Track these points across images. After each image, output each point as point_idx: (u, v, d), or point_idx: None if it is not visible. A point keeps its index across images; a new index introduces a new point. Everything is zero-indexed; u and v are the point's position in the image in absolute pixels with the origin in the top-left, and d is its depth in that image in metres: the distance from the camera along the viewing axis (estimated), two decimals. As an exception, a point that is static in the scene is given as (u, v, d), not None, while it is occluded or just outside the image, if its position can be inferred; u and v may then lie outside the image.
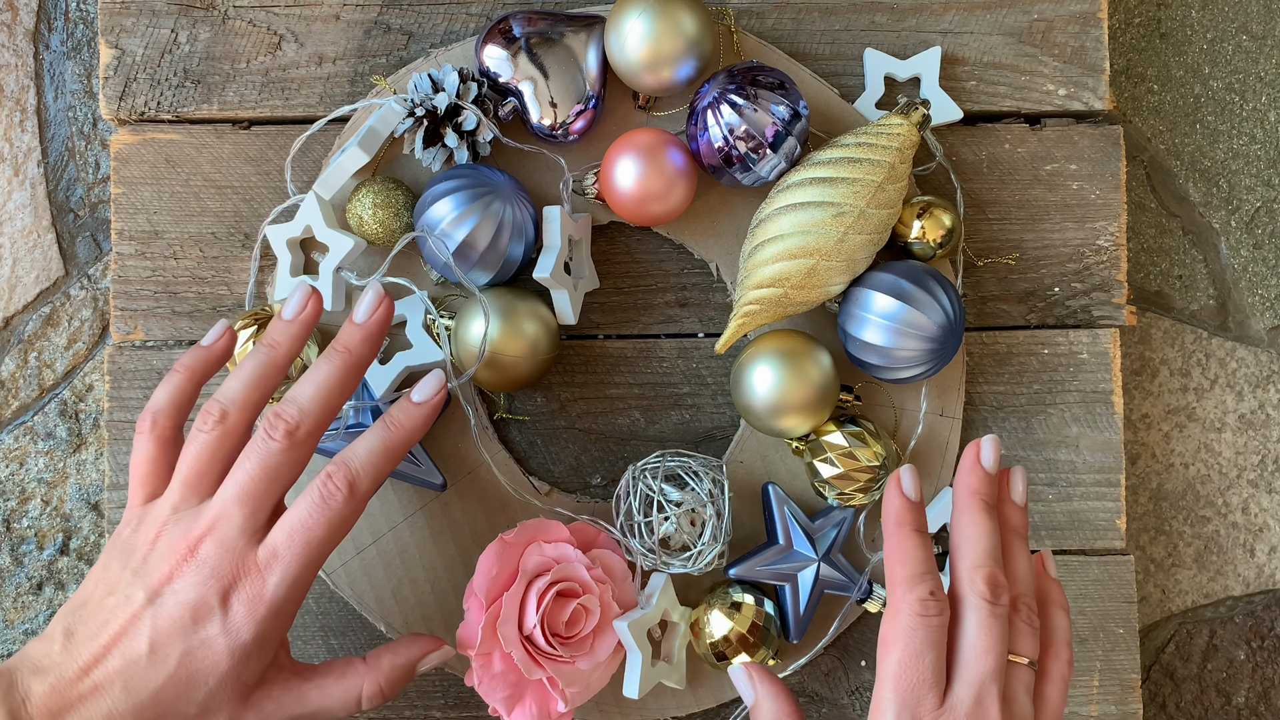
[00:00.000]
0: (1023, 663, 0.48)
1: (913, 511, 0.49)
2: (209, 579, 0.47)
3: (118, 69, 0.61)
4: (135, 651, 0.47)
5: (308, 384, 0.49)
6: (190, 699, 0.47)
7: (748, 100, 0.55)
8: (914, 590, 0.47)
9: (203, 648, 0.47)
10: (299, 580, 0.48)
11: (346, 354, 0.50)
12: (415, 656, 0.52)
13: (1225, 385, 0.70)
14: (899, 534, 0.49)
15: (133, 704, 0.46)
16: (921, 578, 0.47)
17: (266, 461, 0.48)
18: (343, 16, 0.61)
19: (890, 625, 0.47)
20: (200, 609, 0.47)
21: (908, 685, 0.46)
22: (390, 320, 0.51)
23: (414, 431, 0.50)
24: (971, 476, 0.50)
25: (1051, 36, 0.62)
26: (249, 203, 0.61)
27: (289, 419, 0.48)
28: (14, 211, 0.67)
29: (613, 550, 0.58)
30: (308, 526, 0.47)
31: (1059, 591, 0.52)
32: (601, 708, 0.60)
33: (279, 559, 0.47)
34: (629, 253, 0.62)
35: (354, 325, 0.51)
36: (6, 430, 0.67)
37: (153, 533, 0.48)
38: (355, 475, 0.48)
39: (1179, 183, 0.70)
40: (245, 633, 0.47)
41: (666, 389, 0.63)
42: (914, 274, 0.56)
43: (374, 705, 0.51)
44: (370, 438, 0.49)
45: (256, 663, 0.48)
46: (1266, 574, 0.70)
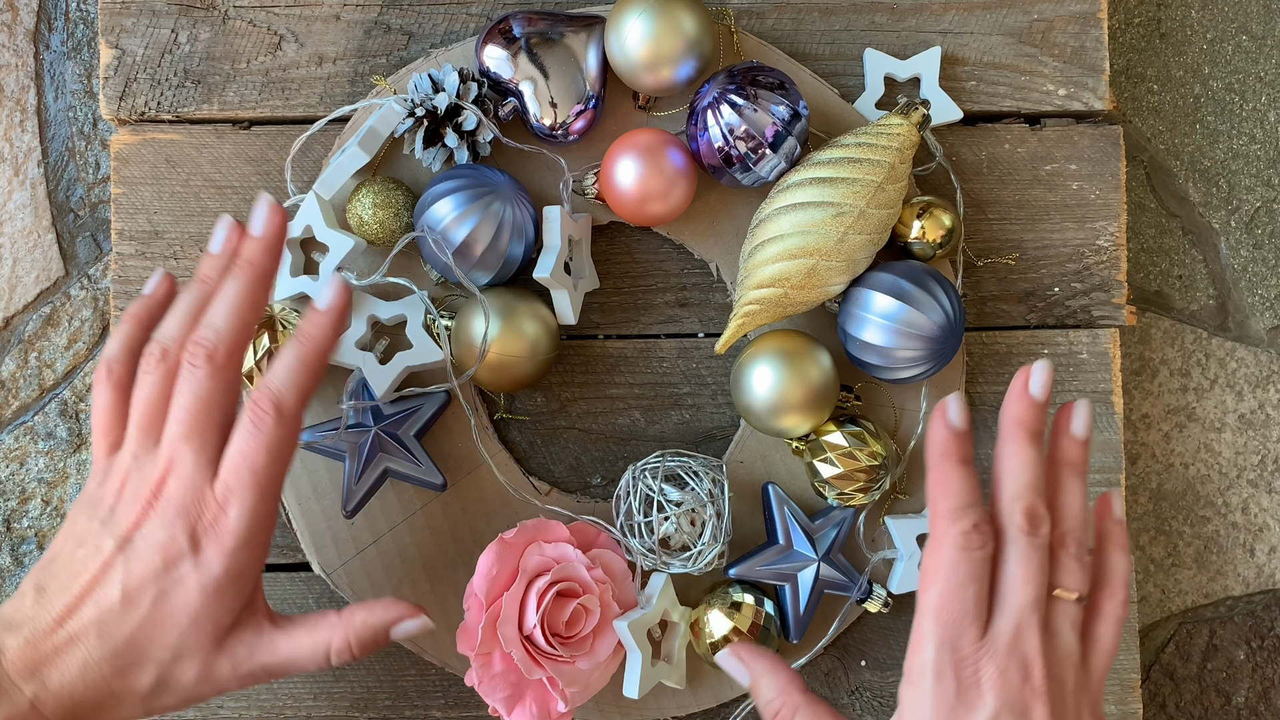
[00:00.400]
0: (1070, 598, 0.47)
1: (959, 441, 0.48)
2: (176, 519, 0.47)
3: (118, 69, 0.61)
4: (109, 599, 0.47)
5: (220, 307, 0.49)
6: (163, 642, 0.47)
7: (748, 100, 0.55)
8: (957, 523, 0.46)
9: (175, 587, 0.47)
10: (258, 510, 0.48)
11: (249, 268, 0.50)
12: (390, 619, 0.51)
13: (1225, 385, 0.70)
14: (944, 465, 0.47)
15: (108, 651, 0.47)
16: (965, 510, 0.46)
17: (197, 390, 0.48)
18: (343, 16, 0.61)
19: (932, 558, 0.46)
20: (170, 549, 0.47)
21: (949, 618, 0.45)
22: (285, 228, 0.51)
23: (325, 340, 0.50)
24: (1018, 405, 0.48)
25: (1051, 36, 0.62)
26: (249, 203, 0.61)
27: (206, 344, 0.48)
28: (14, 211, 0.67)
29: (613, 550, 0.58)
30: (248, 454, 0.48)
31: (1120, 532, 0.50)
32: (601, 708, 0.60)
33: (233, 491, 0.47)
34: (629, 253, 0.62)
35: (252, 239, 0.51)
36: (6, 430, 0.67)
37: (118, 482, 0.49)
38: (278, 394, 0.48)
39: (1179, 183, 0.70)
40: (215, 567, 0.47)
41: (666, 389, 0.63)
42: (914, 274, 0.56)
43: (342, 661, 0.51)
44: (285, 355, 0.49)
45: (231, 599, 0.48)
46: (1266, 574, 0.70)
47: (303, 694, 0.61)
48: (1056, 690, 0.45)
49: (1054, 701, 0.45)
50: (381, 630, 0.51)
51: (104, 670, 0.47)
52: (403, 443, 0.58)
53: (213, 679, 0.49)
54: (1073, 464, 0.49)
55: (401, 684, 0.62)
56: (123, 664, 0.47)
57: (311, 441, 0.58)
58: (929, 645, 0.45)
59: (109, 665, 0.47)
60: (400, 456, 0.58)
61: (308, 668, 0.50)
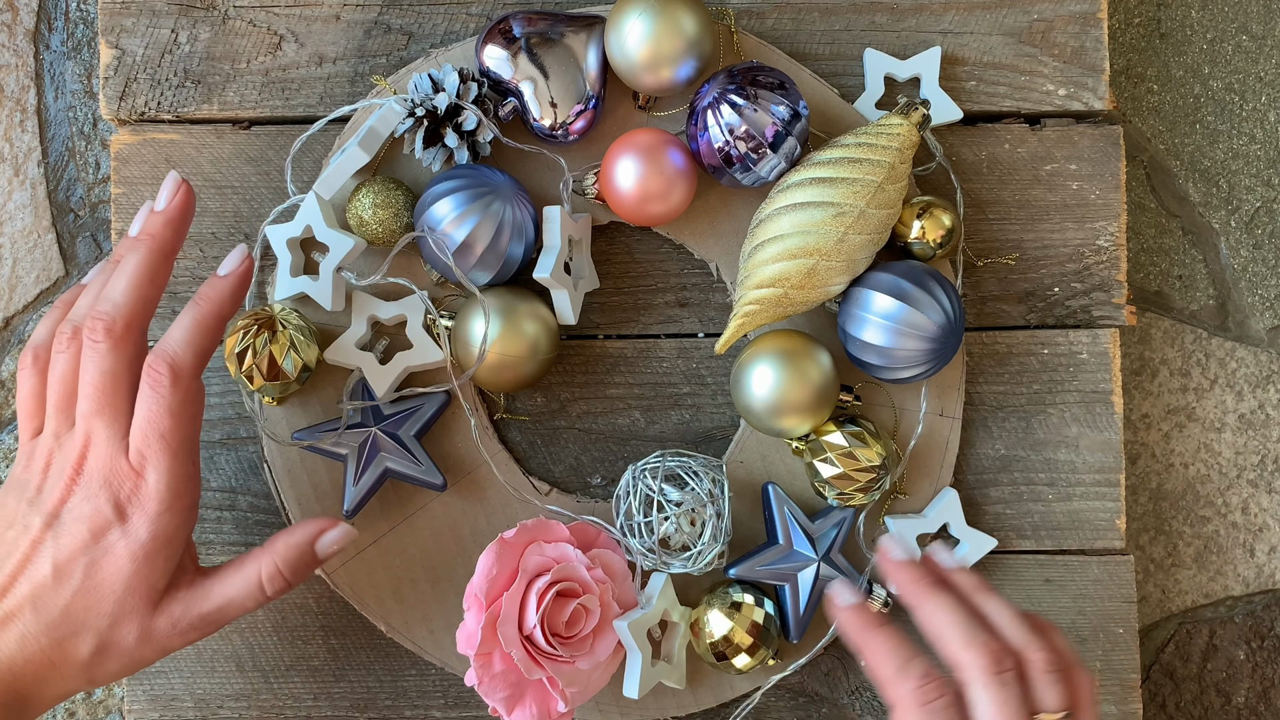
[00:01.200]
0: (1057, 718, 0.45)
1: (863, 613, 0.49)
2: (99, 491, 0.48)
3: (118, 69, 0.61)
4: (41, 574, 0.48)
5: (118, 280, 0.50)
6: (99, 610, 0.48)
7: (748, 100, 0.55)
8: (905, 681, 0.46)
9: (105, 556, 0.48)
10: (174, 471, 0.48)
11: (150, 240, 0.50)
12: (311, 534, 0.52)
13: (1225, 385, 0.70)
14: (864, 638, 0.48)
15: (44, 624, 0.48)
16: (906, 666, 0.46)
17: (100, 365, 0.49)
18: (343, 16, 0.61)
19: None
20: (97, 520, 0.48)
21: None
22: (191, 204, 0.52)
23: (222, 304, 0.51)
24: (900, 574, 0.50)
25: (1051, 36, 0.62)
26: (249, 203, 0.61)
27: (104, 317, 0.49)
28: (14, 211, 0.67)
29: (613, 550, 0.58)
30: (151, 419, 0.48)
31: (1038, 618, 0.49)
32: (601, 708, 0.60)
33: (146, 457, 0.48)
34: (629, 253, 0.62)
35: (155, 213, 0.51)
36: (6, 430, 0.67)
37: (43, 462, 0.50)
38: (173, 356, 0.49)
39: (1179, 183, 0.70)
40: (143, 533, 0.48)
41: (666, 389, 0.63)
42: (914, 274, 0.56)
43: (276, 589, 0.51)
44: (182, 319, 0.50)
45: (162, 563, 0.49)
46: (1266, 574, 0.70)
47: (303, 694, 0.61)
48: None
49: None
50: (306, 549, 0.52)
51: (41, 643, 0.48)
52: (403, 443, 0.58)
53: (154, 639, 0.50)
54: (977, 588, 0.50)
55: (401, 684, 0.62)
56: (60, 635, 0.48)
57: (311, 441, 0.58)
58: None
59: (46, 637, 0.48)
60: (400, 456, 0.58)
61: (246, 605, 0.51)
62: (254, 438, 0.61)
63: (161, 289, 0.51)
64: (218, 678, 0.61)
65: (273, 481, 0.60)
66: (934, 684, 0.45)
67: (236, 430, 0.61)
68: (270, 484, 0.60)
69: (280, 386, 0.57)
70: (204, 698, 0.61)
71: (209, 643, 0.61)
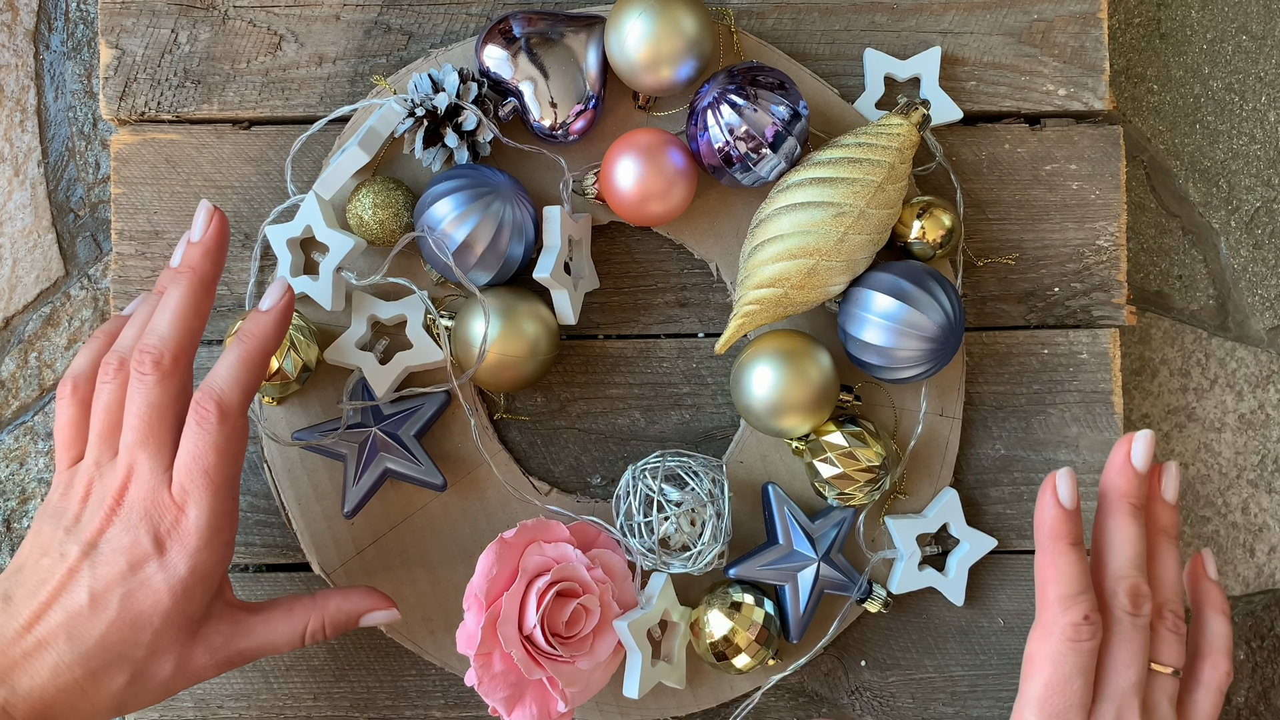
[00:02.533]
0: (1165, 672, 0.47)
1: (1069, 522, 0.47)
2: (139, 523, 0.48)
3: (118, 69, 0.61)
4: (76, 603, 0.48)
5: (163, 313, 0.50)
6: (137, 641, 0.48)
7: (748, 100, 0.55)
8: (1068, 612, 0.46)
9: (142, 589, 0.48)
10: (215, 509, 0.49)
11: (191, 273, 0.51)
12: (363, 609, 0.55)
13: (1225, 385, 0.70)
14: (1054, 548, 0.47)
15: (78, 653, 0.48)
16: (1077, 598, 0.46)
17: (147, 397, 0.49)
18: (343, 16, 0.61)
19: (1039, 645, 0.46)
20: (135, 552, 0.48)
21: (1054, 710, 0.45)
22: (226, 231, 0.52)
23: (267, 339, 0.51)
24: (1121, 478, 0.48)
25: (1051, 36, 0.62)
26: (249, 203, 0.61)
27: (153, 350, 0.49)
28: (14, 211, 0.67)
29: (613, 550, 0.58)
30: (196, 455, 0.48)
31: (1219, 594, 0.50)
32: (601, 708, 0.60)
33: (189, 493, 0.48)
34: (629, 253, 0.62)
35: (192, 245, 0.51)
36: (6, 430, 0.67)
37: (82, 491, 0.49)
38: (220, 394, 0.49)
39: (1179, 183, 0.70)
40: (181, 568, 0.48)
41: (666, 389, 0.63)
42: (914, 274, 0.56)
43: (314, 642, 0.53)
44: (228, 356, 0.50)
45: (200, 597, 0.49)
46: (1266, 574, 0.70)
47: (303, 694, 0.61)
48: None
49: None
50: (354, 616, 0.55)
51: (75, 672, 0.48)
52: (403, 443, 0.58)
53: (189, 670, 0.50)
54: (1166, 530, 0.49)
55: (401, 684, 0.62)
56: (94, 666, 0.48)
57: (311, 441, 0.58)
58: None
59: (80, 667, 0.48)
60: (400, 456, 0.58)
61: (281, 649, 0.53)
62: (254, 438, 0.61)
63: (205, 320, 0.51)
64: (218, 678, 0.61)
65: (273, 481, 0.60)
66: (1092, 626, 0.45)
67: (236, 430, 0.61)
68: (270, 484, 0.60)
69: (280, 386, 0.57)
70: (204, 698, 0.61)
71: (209, 643, 0.61)
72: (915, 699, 0.62)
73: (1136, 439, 0.48)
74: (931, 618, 0.62)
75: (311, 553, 0.60)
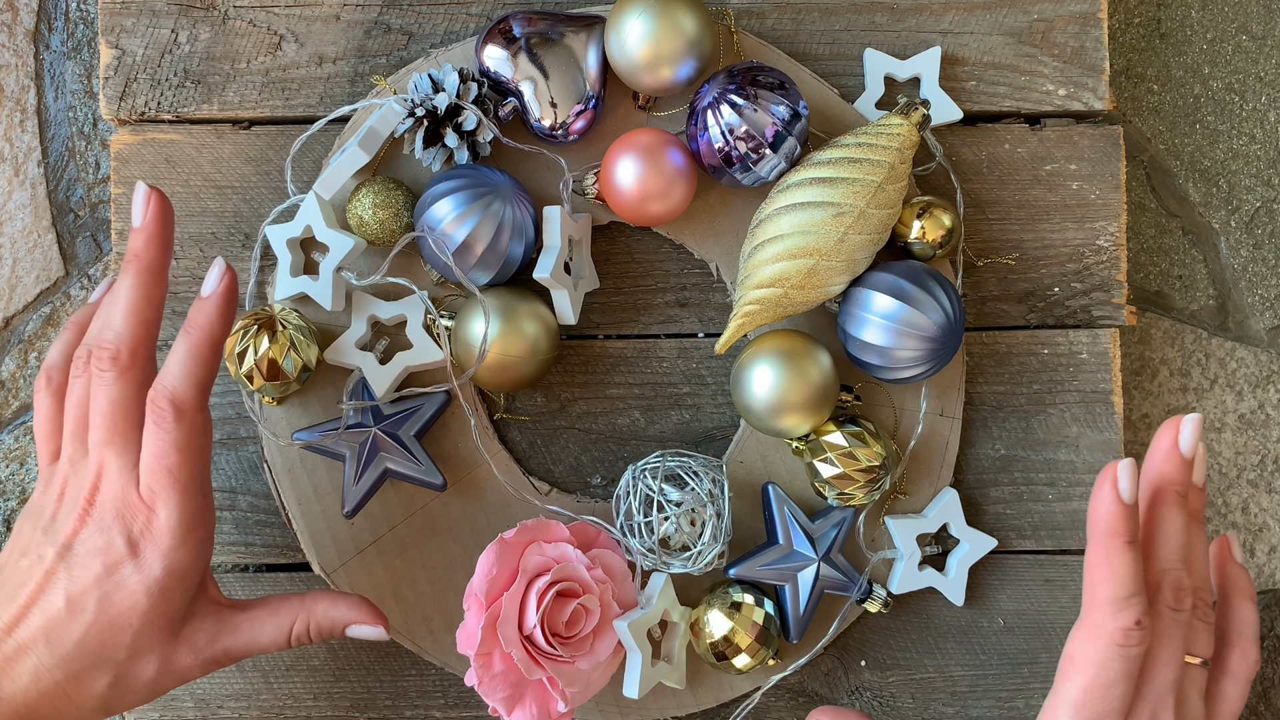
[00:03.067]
0: (1195, 663, 0.45)
1: (1128, 519, 0.44)
2: (112, 524, 0.48)
3: (118, 69, 0.61)
4: (53, 606, 0.48)
5: (114, 308, 0.49)
6: (117, 643, 0.48)
7: (748, 100, 0.55)
8: (1119, 616, 0.43)
9: (118, 591, 0.48)
10: (185, 506, 0.48)
11: (137, 261, 0.49)
12: (350, 619, 0.53)
13: (1225, 385, 0.70)
14: (1109, 544, 0.44)
15: (58, 657, 0.47)
16: (1130, 600, 0.43)
17: (109, 394, 0.48)
18: (343, 16, 0.61)
19: (1084, 646, 0.44)
20: (110, 554, 0.48)
21: (1090, 715, 0.43)
22: (166, 211, 0.50)
23: (213, 327, 0.49)
24: (1169, 464, 0.46)
25: (1051, 36, 0.62)
26: (249, 203, 0.61)
27: (109, 346, 0.48)
28: (14, 211, 0.67)
29: (613, 550, 0.58)
30: (159, 455, 0.48)
31: (1246, 579, 0.48)
32: (601, 708, 0.60)
33: (156, 493, 0.48)
34: (629, 253, 0.62)
35: (135, 231, 0.50)
36: (6, 430, 0.67)
37: (58, 490, 0.49)
38: (173, 391, 0.48)
39: (1179, 183, 0.70)
40: (156, 568, 0.48)
41: (666, 389, 0.63)
42: (914, 274, 0.56)
43: (297, 644, 0.53)
44: (176, 350, 0.49)
45: (179, 597, 0.49)
46: (1266, 574, 0.70)
47: (303, 694, 0.61)
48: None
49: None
50: (340, 625, 0.53)
51: (56, 676, 0.47)
52: (403, 443, 0.58)
53: (174, 669, 0.50)
54: (1196, 515, 0.47)
55: (401, 684, 0.62)
56: (75, 669, 0.48)
57: (311, 441, 0.58)
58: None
59: (60, 671, 0.47)
60: (400, 456, 0.58)
61: (267, 649, 0.52)
62: (254, 438, 0.61)
63: (160, 307, 0.50)
64: (218, 678, 0.61)
65: (273, 481, 0.60)
66: (1143, 631, 0.43)
67: (236, 430, 0.61)
68: (270, 484, 0.60)
69: (280, 386, 0.57)
70: (204, 698, 0.61)
71: (209, 643, 0.61)
72: (915, 699, 0.62)
73: (1184, 424, 0.45)
74: (931, 618, 0.62)
75: (311, 553, 0.60)
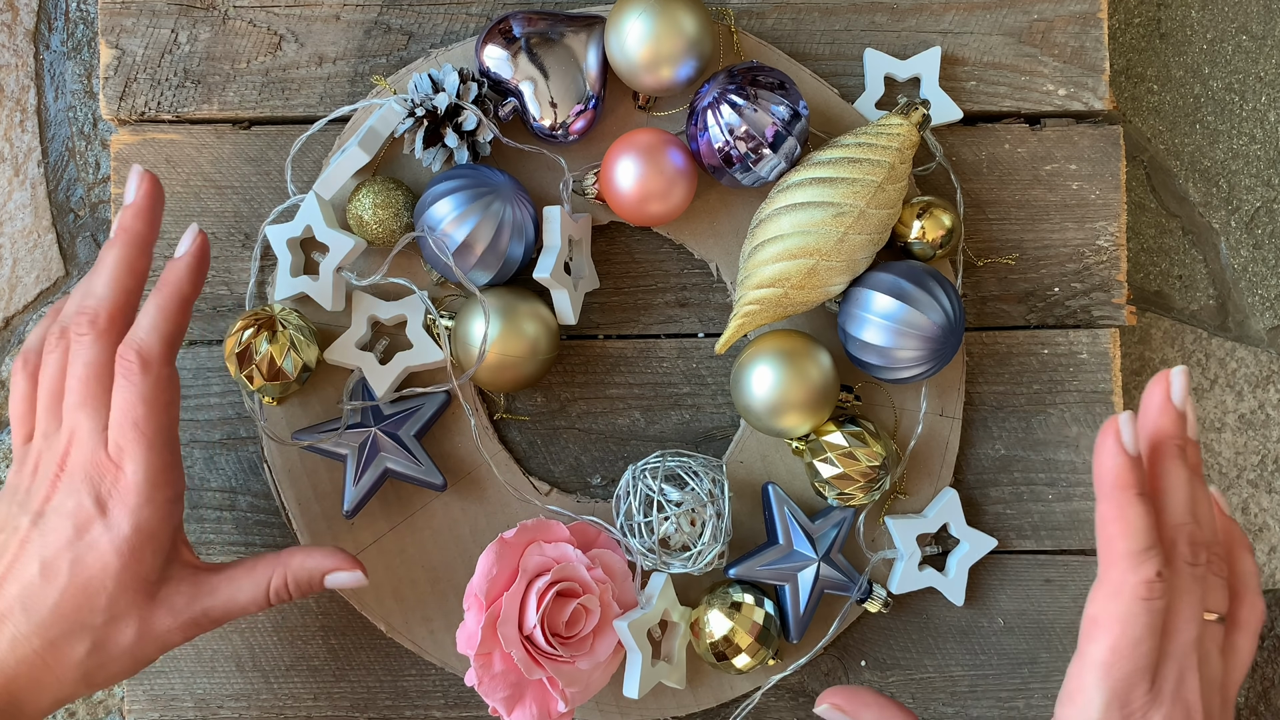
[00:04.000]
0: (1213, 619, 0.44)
1: (1135, 470, 0.43)
2: (81, 485, 0.48)
3: (118, 69, 0.61)
4: (28, 574, 0.48)
5: (98, 276, 0.50)
6: (92, 607, 0.48)
7: (748, 100, 0.55)
8: (1139, 569, 0.42)
9: (90, 552, 0.48)
10: (152, 463, 0.48)
11: (124, 233, 0.51)
12: (326, 568, 0.53)
13: (1225, 385, 0.70)
14: (1120, 498, 0.43)
15: (34, 624, 0.48)
16: (1148, 553, 0.42)
17: (84, 357, 0.49)
18: (343, 16, 0.61)
19: (1105, 605, 0.43)
20: (79, 515, 0.48)
21: (1120, 674, 0.42)
22: (157, 192, 0.52)
23: (182, 285, 0.50)
24: (1165, 418, 0.45)
25: (1051, 36, 0.62)
26: (249, 203, 0.61)
27: (89, 311, 0.49)
28: (14, 211, 0.67)
29: (613, 550, 0.58)
30: (125, 408, 0.48)
31: (1239, 531, 0.48)
32: (601, 708, 0.60)
33: (123, 448, 0.48)
34: (629, 253, 0.62)
35: (126, 207, 0.51)
36: (6, 430, 0.67)
37: (33, 464, 0.50)
38: (140, 343, 0.49)
39: (1179, 183, 0.70)
40: (125, 526, 0.48)
41: (666, 389, 0.63)
42: (914, 274, 0.56)
43: (279, 601, 0.52)
44: (147, 306, 0.50)
45: (150, 557, 0.49)
46: (1266, 574, 0.70)
47: (303, 694, 0.61)
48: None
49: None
50: (317, 575, 0.53)
51: (34, 644, 0.48)
52: (403, 443, 0.58)
53: (153, 633, 0.50)
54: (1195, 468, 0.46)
55: (401, 684, 0.62)
56: (52, 635, 0.48)
57: (311, 441, 0.58)
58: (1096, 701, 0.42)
59: (38, 638, 0.48)
60: (400, 456, 0.58)
61: (248, 608, 0.52)
62: (254, 438, 0.61)
63: (142, 279, 0.51)
64: (218, 678, 0.61)
65: (273, 481, 0.60)
66: (1164, 583, 0.42)
67: (236, 430, 0.61)
68: (270, 484, 0.60)
69: (280, 386, 0.57)
70: (204, 698, 0.61)
71: (209, 642, 0.61)
72: (915, 699, 0.62)
73: (1174, 375, 0.45)
74: (931, 618, 0.62)
75: (311, 553, 0.60)
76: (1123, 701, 0.42)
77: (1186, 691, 0.43)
